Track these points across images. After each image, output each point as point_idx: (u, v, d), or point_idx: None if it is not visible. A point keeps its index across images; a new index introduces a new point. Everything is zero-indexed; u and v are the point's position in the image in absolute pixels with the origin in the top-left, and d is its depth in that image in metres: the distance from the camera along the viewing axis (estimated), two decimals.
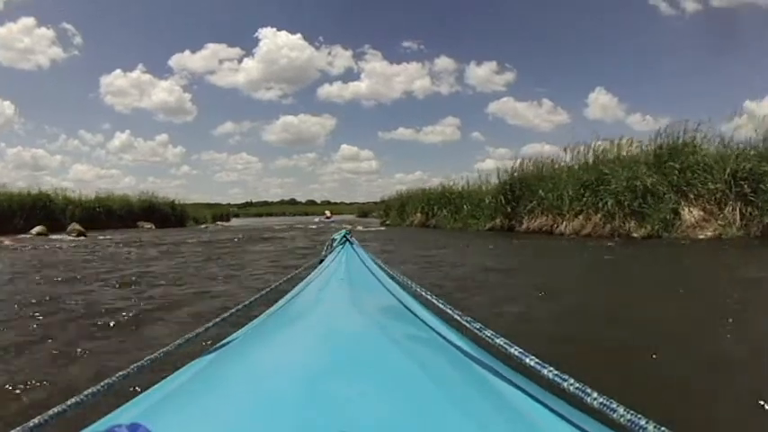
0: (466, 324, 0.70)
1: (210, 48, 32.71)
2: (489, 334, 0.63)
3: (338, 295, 1.05)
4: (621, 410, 0.42)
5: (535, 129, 31.63)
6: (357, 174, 45.88)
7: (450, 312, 0.77)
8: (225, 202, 43.45)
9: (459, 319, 0.73)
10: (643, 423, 0.40)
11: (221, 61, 32.92)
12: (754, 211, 8.02)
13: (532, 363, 0.54)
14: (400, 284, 1.11)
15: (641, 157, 9.82)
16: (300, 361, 0.63)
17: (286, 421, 0.45)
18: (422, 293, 0.91)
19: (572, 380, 0.48)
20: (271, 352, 0.70)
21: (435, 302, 0.84)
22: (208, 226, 20.76)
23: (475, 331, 0.67)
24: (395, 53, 40.15)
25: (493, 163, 33.30)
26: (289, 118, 35.46)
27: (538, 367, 0.53)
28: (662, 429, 0.38)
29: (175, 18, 38.31)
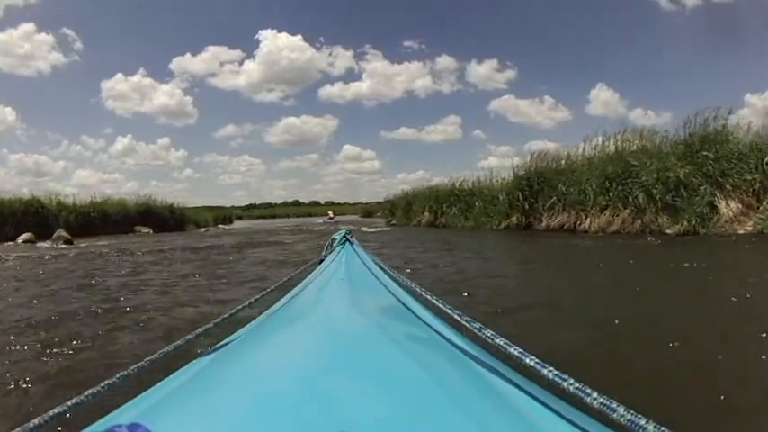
0: (466, 324, 0.70)
1: (211, 50, 32.27)
2: (489, 334, 0.63)
3: (338, 295, 1.04)
4: (621, 410, 0.41)
5: (537, 126, 31.20)
6: (360, 174, 45.54)
7: (449, 312, 0.76)
8: (228, 205, 43.14)
9: (458, 319, 0.72)
10: (643, 423, 0.39)
11: (222, 64, 32.63)
12: None
13: (532, 363, 0.53)
14: (400, 284, 1.10)
15: (666, 148, 9.14)
16: (300, 361, 0.64)
17: (286, 421, 0.45)
18: (422, 293, 0.90)
19: (572, 380, 0.48)
20: (271, 352, 0.70)
21: (435, 302, 0.83)
22: (208, 230, 20.11)
23: (475, 331, 0.66)
24: (396, 53, 39.75)
25: (495, 161, 33.94)
26: (290, 119, 35.34)
27: (538, 367, 0.52)
28: (662, 429, 0.38)
29: (175, 21, 38.06)
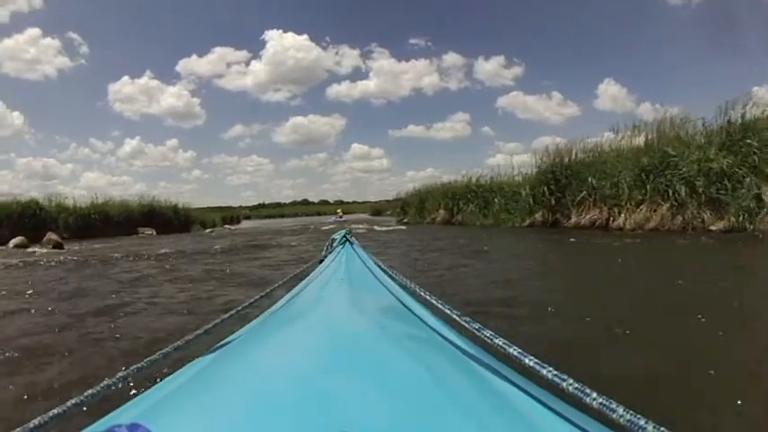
0: (465, 324, 0.69)
1: (217, 51, 32.48)
2: (489, 334, 0.62)
3: (338, 295, 1.04)
4: (621, 410, 0.41)
5: (546, 122, 30.86)
6: (369, 172, 45.05)
7: (449, 312, 0.76)
8: (237, 205, 42.67)
9: (458, 319, 0.72)
10: (642, 423, 0.39)
11: (229, 64, 32.93)
12: None
13: (532, 363, 0.53)
14: (400, 284, 1.10)
15: (700, 137, 8.39)
16: (300, 361, 0.63)
17: (286, 421, 0.45)
18: (421, 293, 0.90)
19: (571, 380, 0.48)
20: (271, 352, 0.70)
21: (435, 302, 0.83)
22: (213, 230, 19.48)
23: (474, 331, 0.66)
24: (402, 51, 39.57)
25: (503, 158, 33.41)
26: (298, 119, 35.32)
27: (537, 367, 0.52)
28: (661, 429, 0.38)
29: (181, 23, 38.12)
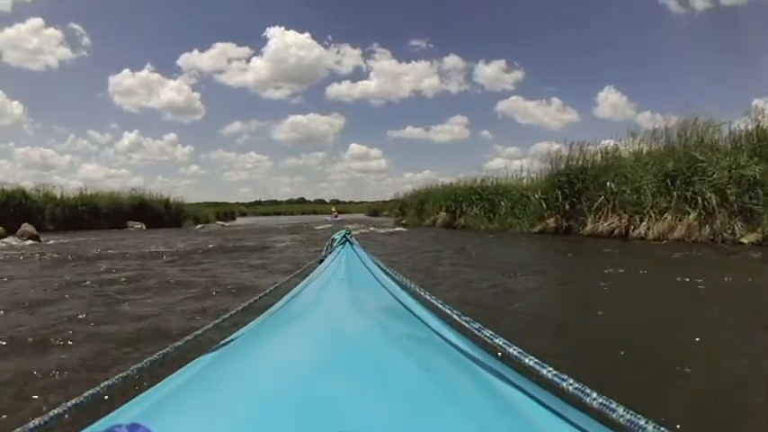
0: (465, 324, 0.69)
1: (219, 47, 31.82)
2: (489, 334, 0.62)
3: (338, 295, 1.03)
4: (621, 410, 0.41)
5: (544, 127, 30.56)
6: (366, 173, 44.44)
7: (449, 312, 0.76)
8: (234, 201, 42.08)
9: (458, 320, 0.72)
10: (642, 423, 0.39)
11: (230, 60, 32.54)
12: None
13: (531, 363, 0.53)
14: (400, 284, 1.09)
15: (724, 142, 7.85)
16: (300, 361, 0.63)
17: (286, 421, 0.45)
18: (421, 293, 0.89)
19: (571, 380, 0.47)
20: (271, 352, 0.69)
21: (435, 302, 0.83)
22: (204, 226, 18.84)
23: (474, 331, 0.66)
24: (403, 52, 38.56)
25: (501, 162, 33.66)
26: (297, 117, 35.12)
27: (537, 367, 0.52)
28: (661, 429, 0.38)
29: (183, 17, 37.75)
